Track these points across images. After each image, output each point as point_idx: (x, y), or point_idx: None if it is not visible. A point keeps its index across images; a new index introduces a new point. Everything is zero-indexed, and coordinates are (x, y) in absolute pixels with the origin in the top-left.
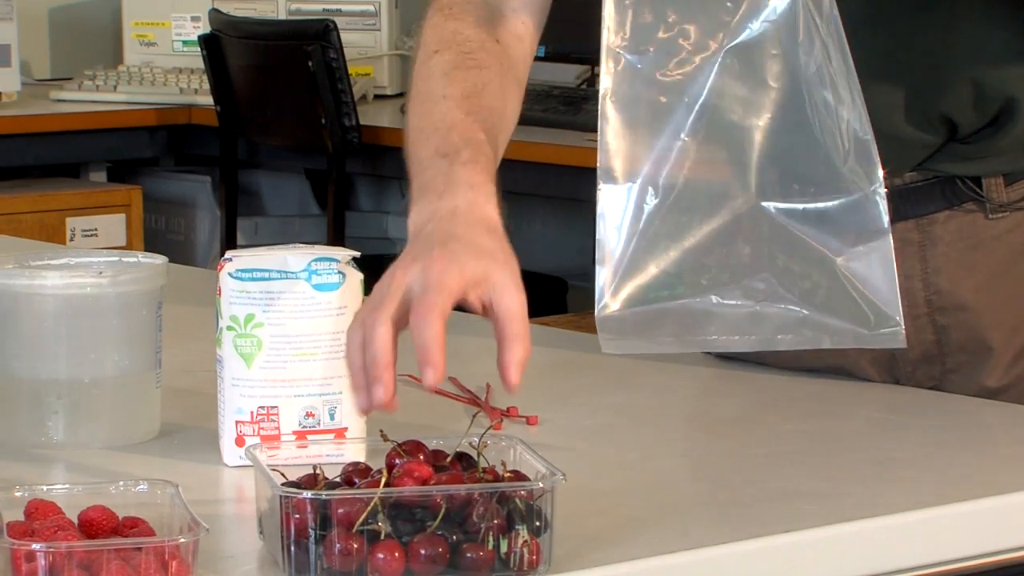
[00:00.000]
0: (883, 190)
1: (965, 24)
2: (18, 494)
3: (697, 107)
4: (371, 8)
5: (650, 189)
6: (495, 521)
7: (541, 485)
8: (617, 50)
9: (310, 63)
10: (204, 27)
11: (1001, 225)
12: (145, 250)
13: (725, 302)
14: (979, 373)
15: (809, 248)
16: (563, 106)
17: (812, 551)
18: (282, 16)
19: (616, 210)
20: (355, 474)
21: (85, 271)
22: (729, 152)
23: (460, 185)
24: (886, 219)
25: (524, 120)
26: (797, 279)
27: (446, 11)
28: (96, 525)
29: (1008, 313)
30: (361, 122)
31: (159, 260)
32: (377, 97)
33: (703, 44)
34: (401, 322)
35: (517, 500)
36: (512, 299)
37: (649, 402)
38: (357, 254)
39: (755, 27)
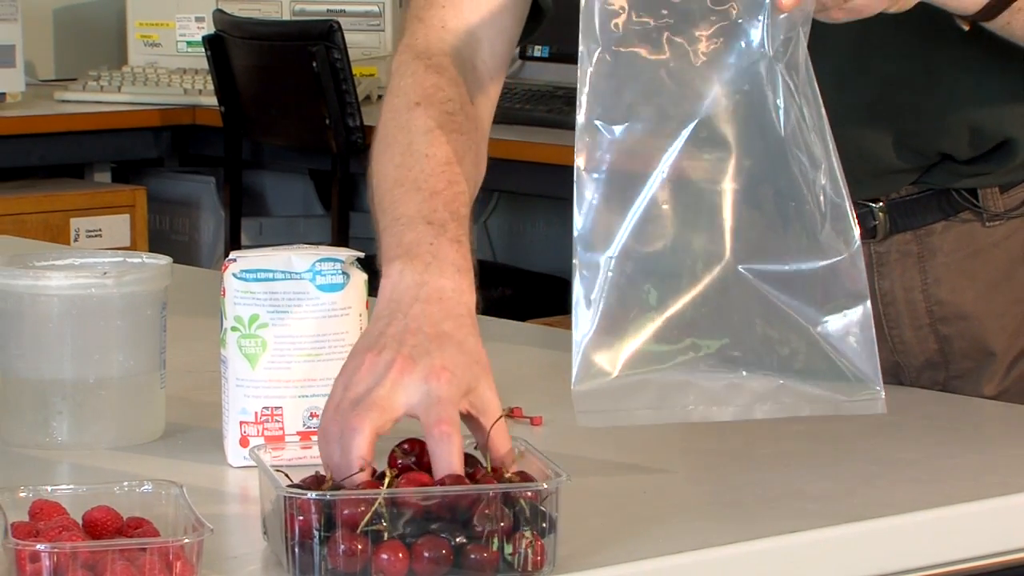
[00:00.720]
0: (860, 253)
1: (954, 70)
2: (22, 494)
3: (672, 175)
4: (375, 8)
5: (627, 260)
6: (500, 523)
7: (546, 486)
8: (591, 121)
9: (314, 64)
10: (208, 28)
11: (998, 232)
12: (149, 251)
13: (703, 372)
14: (983, 378)
15: (787, 315)
16: (566, 106)
17: (817, 552)
18: (286, 17)
19: (593, 281)
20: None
21: (89, 272)
22: (705, 218)
23: (447, 264)
24: (864, 283)
25: (528, 120)
26: (775, 346)
27: (424, 59)
28: (100, 525)
29: (1008, 318)
30: (365, 123)
31: (163, 261)
32: (381, 98)
33: (676, 113)
34: (384, 428)
35: (522, 501)
36: (495, 408)
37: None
38: (361, 255)
39: (728, 94)
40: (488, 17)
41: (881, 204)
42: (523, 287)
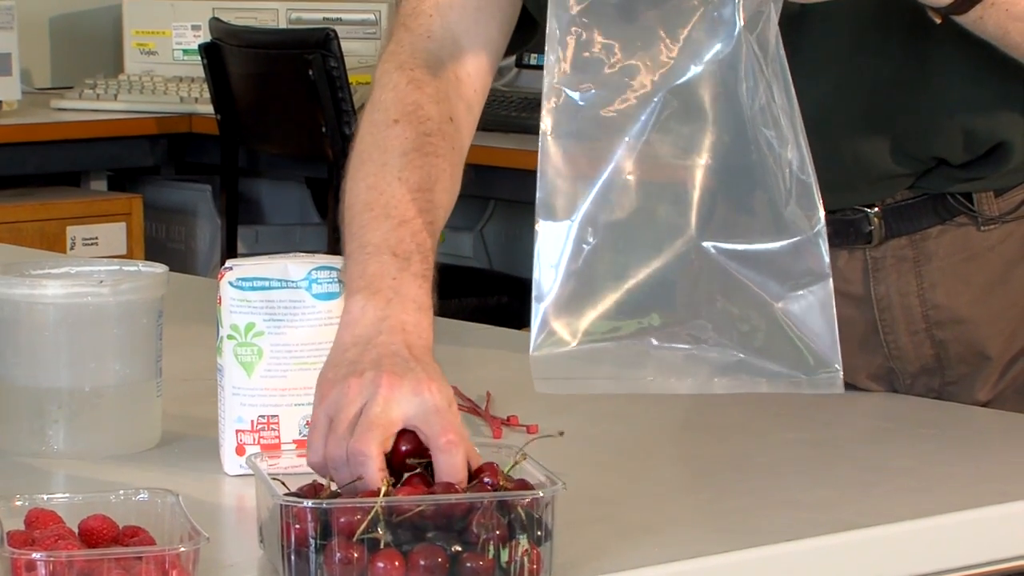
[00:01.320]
0: (824, 232)
1: (948, 75)
2: (19, 503)
3: (639, 146)
4: (371, 17)
5: (589, 228)
6: (496, 531)
7: (542, 494)
8: (558, 87)
9: (311, 72)
10: (205, 36)
11: (993, 236)
12: (146, 259)
13: (662, 344)
14: (978, 383)
15: (749, 291)
16: None
17: (813, 560)
18: (283, 25)
19: (554, 248)
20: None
21: (86, 280)
22: (670, 191)
23: (408, 301)
24: (827, 262)
25: (523, 128)
26: (736, 322)
27: (407, 72)
28: (97, 534)
29: (1004, 322)
30: None
31: (160, 269)
32: None
33: (646, 83)
34: (388, 446)
35: (519, 509)
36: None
37: (649, 410)
38: None
39: (698, 67)
40: (475, 28)
41: (876, 210)
42: (519, 295)
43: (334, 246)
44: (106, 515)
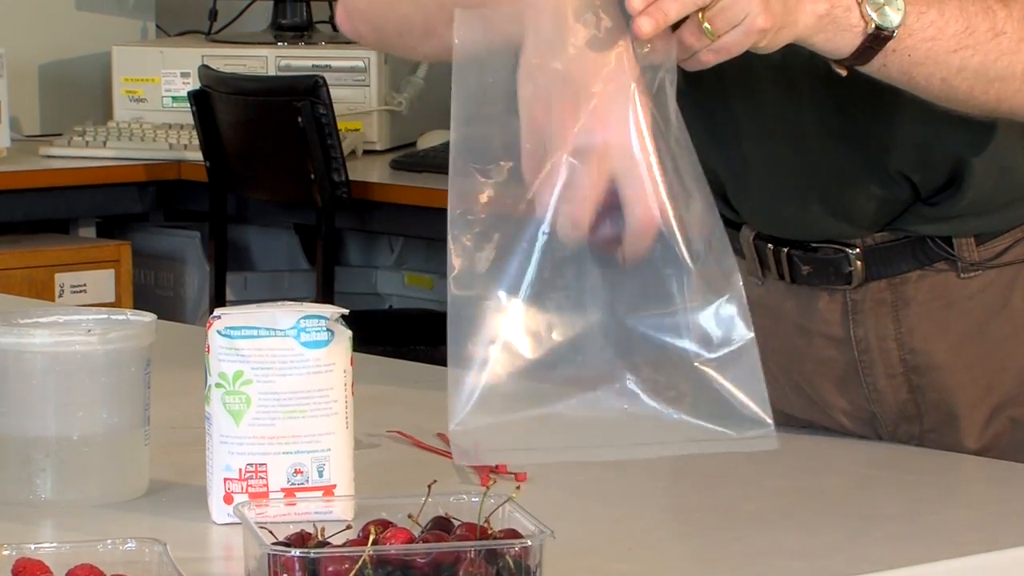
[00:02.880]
0: (742, 291)
1: (895, 90)
2: (5, 552)
3: (552, 218)
4: (360, 64)
5: (506, 301)
6: None
7: (530, 543)
8: (466, 165)
9: (299, 119)
10: (194, 83)
11: (973, 285)
12: (134, 305)
13: (585, 411)
14: (955, 433)
15: (673, 356)
16: None
17: None
18: (272, 72)
19: (470, 321)
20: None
21: (74, 329)
22: (585, 264)
23: None
24: (747, 317)
25: None
26: (663, 389)
27: None
28: None
29: (981, 373)
30: (351, 177)
31: (148, 318)
32: (367, 152)
33: (554, 154)
34: None
35: (507, 557)
36: None
37: (637, 458)
38: (346, 311)
39: (598, 138)
40: None
41: (857, 251)
42: None
43: (323, 292)
44: (94, 564)
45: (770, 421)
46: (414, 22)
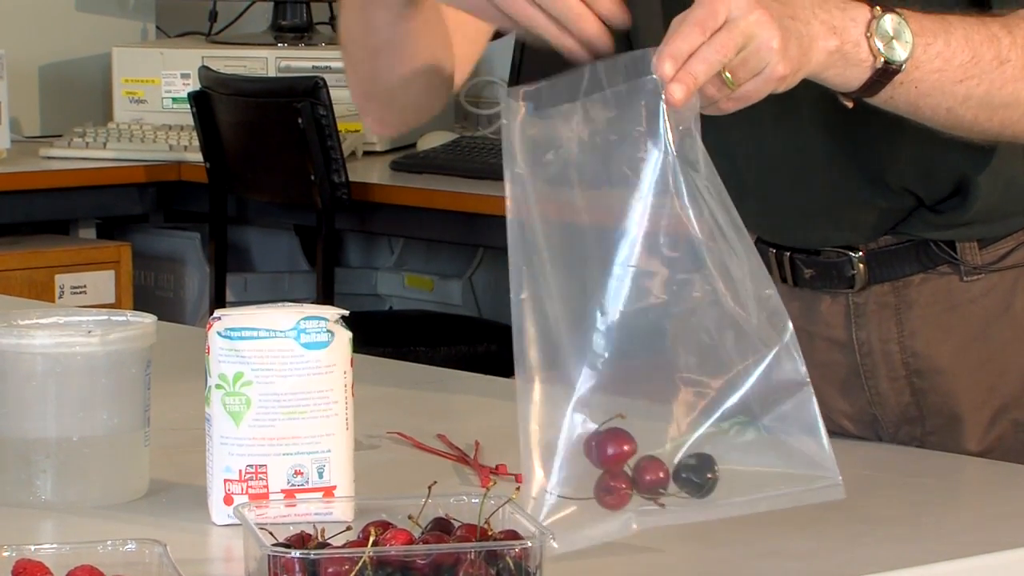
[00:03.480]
0: (795, 339)
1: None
2: (6, 554)
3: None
4: None
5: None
6: None
7: (531, 544)
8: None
9: (300, 120)
10: (194, 84)
11: (976, 288)
12: (134, 307)
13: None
14: (958, 436)
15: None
16: None
17: None
18: (272, 73)
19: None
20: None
21: (74, 330)
22: (647, 338)
23: None
24: (803, 369)
25: None
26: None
27: None
28: None
29: (983, 376)
30: (351, 179)
31: (148, 319)
32: (367, 154)
33: (600, 250)
34: None
35: (508, 559)
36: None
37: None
38: (346, 312)
39: (647, 209)
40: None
41: (860, 254)
42: (508, 343)
43: (323, 293)
44: (94, 566)
45: (835, 472)
46: (407, 77)
